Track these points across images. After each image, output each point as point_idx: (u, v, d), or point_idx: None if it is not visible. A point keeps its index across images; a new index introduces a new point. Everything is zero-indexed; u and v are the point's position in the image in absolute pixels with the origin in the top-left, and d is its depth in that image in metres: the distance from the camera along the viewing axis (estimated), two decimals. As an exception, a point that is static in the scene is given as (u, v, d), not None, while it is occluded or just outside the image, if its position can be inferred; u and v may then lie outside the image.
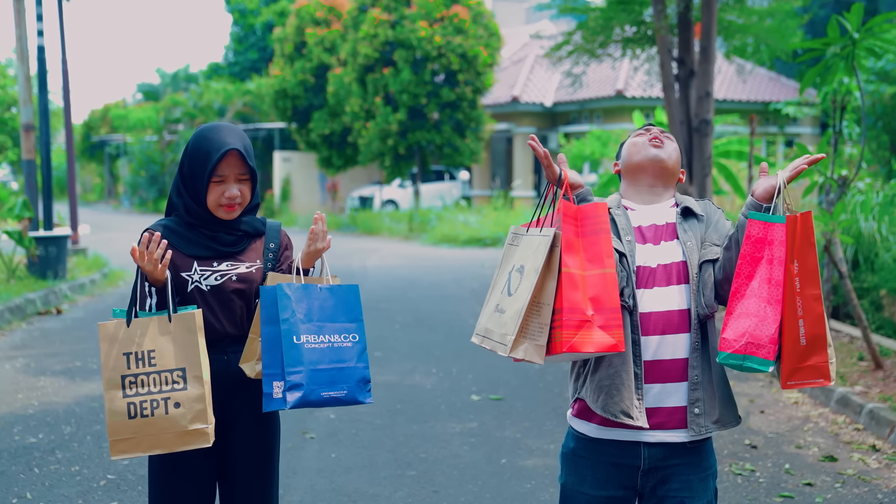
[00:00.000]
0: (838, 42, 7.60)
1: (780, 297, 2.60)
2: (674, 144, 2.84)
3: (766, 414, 6.66)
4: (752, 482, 5.22)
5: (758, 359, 2.60)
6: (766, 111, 26.75)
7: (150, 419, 2.73)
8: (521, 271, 2.63)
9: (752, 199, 2.68)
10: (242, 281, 2.93)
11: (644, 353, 2.71)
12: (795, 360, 2.62)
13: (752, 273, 2.62)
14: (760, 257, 2.62)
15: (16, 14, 13.64)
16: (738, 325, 2.61)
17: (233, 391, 2.94)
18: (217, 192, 2.89)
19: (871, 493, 5.05)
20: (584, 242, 2.61)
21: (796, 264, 2.61)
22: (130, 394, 2.75)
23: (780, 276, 2.60)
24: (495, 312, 2.68)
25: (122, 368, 2.76)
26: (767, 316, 2.60)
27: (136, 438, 2.73)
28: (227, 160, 2.89)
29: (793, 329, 2.61)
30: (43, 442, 5.80)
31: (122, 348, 2.77)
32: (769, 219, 2.61)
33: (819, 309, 2.61)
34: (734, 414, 2.80)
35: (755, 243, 2.62)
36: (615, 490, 2.79)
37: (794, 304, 2.61)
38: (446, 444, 5.85)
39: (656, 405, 2.72)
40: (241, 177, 2.92)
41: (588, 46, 13.66)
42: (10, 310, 10.05)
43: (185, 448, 2.76)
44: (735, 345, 2.60)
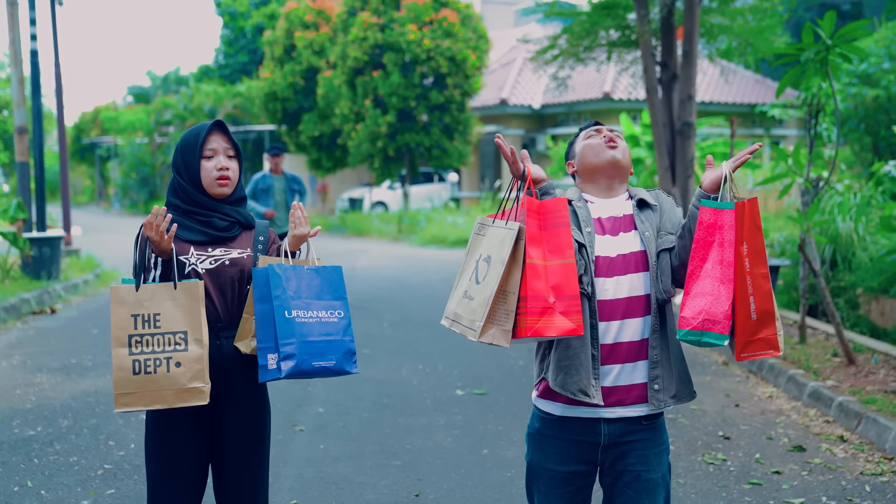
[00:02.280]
0: (812, 47, 7.83)
1: (732, 276, 2.83)
2: (624, 142, 3.07)
3: (741, 408, 6.90)
4: (722, 471, 5.45)
5: (714, 334, 2.82)
6: (752, 113, 27.06)
7: (152, 376, 2.98)
8: (489, 261, 2.85)
9: (700, 190, 2.92)
10: (235, 265, 3.17)
11: (603, 337, 2.92)
12: (748, 334, 2.85)
13: (706, 256, 2.85)
14: (712, 241, 2.84)
15: (9, 18, 13.81)
16: (694, 304, 2.83)
17: (225, 374, 3.16)
18: (209, 167, 3.17)
19: (836, 480, 5.29)
20: (545, 235, 2.82)
21: (746, 246, 2.84)
22: (136, 352, 2.99)
23: (731, 258, 2.83)
24: (464, 298, 2.90)
25: (129, 328, 3.00)
26: (721, 294, 2.82)
27: (139, 393, 2.98)
28: (213, 135, 3.20)
29: (744, 305, 2.84)
30: (41, 434, 6.01)
31: (130, 310, 3.01)
32: (719, 205, 2.84)
33: (767, 286, 2.84)
34: (690, 389, 3.02)
35: (707, 228, 2.85)
36: (577, 465, 3.02)
37: (745, 283, 2.84)
38: (431, 435, 6.07)
39: (615, 384, 2.94)
40: (229, 152, 3.21)
41: (573, 50, 13.90)
42: (6, 309, 10.24)
43: (183, 404, 3.00)
44: (693, 322, 2.82)
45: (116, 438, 5.94)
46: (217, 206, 3.20)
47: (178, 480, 3.17)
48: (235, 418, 3.22)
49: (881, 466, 5.49)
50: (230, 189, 3.21)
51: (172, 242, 3.08)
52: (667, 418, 6.54)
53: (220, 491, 3.28)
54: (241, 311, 3.21)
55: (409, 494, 5.00)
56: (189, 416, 3.15)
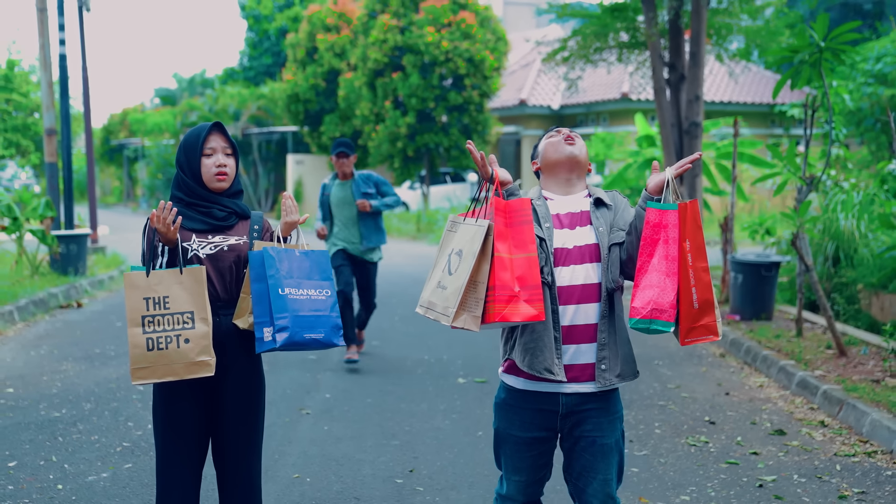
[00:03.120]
0: (806, 49, 8.11)
1: (676, 270, 3.17)
2: (582, 142, 3.41)
3: (731, 396, 7.19)
4: (703, 452, 5.76)
5: (661, 322, 3.15)
6: (772, 113, 27.18)
7: (164, 351, 3.35)
8: (461, 255, 3.19)
9: (645, 192, 3.25)
10: (232, 250, 3.54)
11: (562, 319, 3.27)
12: (690, 321, 3.19)
13: (652, 252, 3.18)
14: (658, 239, 3.18)
15: (39, 24, 14.31)
16: (643, 295, 3.17)
17: (223, 347, 3.53)
18: (209, 164, 3.54)
19: (810, 460, 5.59)
20: (511, 231, 3.17)
21: (688, 243, 3.18)
22: (149, 331, 3.36)
23: (675, 253, 3.17)
24: (437, 288, 3.24)
25: (141, 310, 3.37)
26: (667, 286, 3.16)
27: (153, 367, 3.35)
28: (212, 135, 3.56)
29: (688, 295, 3.18)
30: (66, 416, 6.42)
31: (142, 294, 3.38)
32: (664, 207, 3.18)
33: (707, 278, 3.18)
34: (633, 369, 3.36)
35: (653, 227, 3.18)
36: (539, 432, 3.36)
37: (688, 276, 3.18)
38: (430, 419, 6.43)
39: (572, 362, 3.28)
40: (227, 150, 3.57)
41: (583, 52, 14.21)
42: (35, 303, 10.70)
43: (192, 376, 3.36)
44: (642, 311, 3.15)
45: (135, 420, 6.34)
46: (216, 198, 3.56)
47: (181, 441, 3.54)
48: (232, 386, 3.58)
49: (855, 448, 5.79)
50: (227, 183, 3.57)
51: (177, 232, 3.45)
52: (657, 405, 6.87)
53: (218, 453, 3.64)
54: (238, 291, 3.57)
55: (405, 470, 5.35)
56: (190, 385, 3.51)
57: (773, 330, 9.17)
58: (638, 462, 5.55)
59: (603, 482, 3.35)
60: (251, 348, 3.57)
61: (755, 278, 9.95)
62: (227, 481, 3.66)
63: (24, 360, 8.27)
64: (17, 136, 25.13)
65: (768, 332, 8.98)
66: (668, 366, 8.20)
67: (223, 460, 3.64)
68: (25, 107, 25.05)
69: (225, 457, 3.63)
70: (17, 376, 7.60)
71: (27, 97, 24.03)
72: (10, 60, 25.54)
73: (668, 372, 7.95)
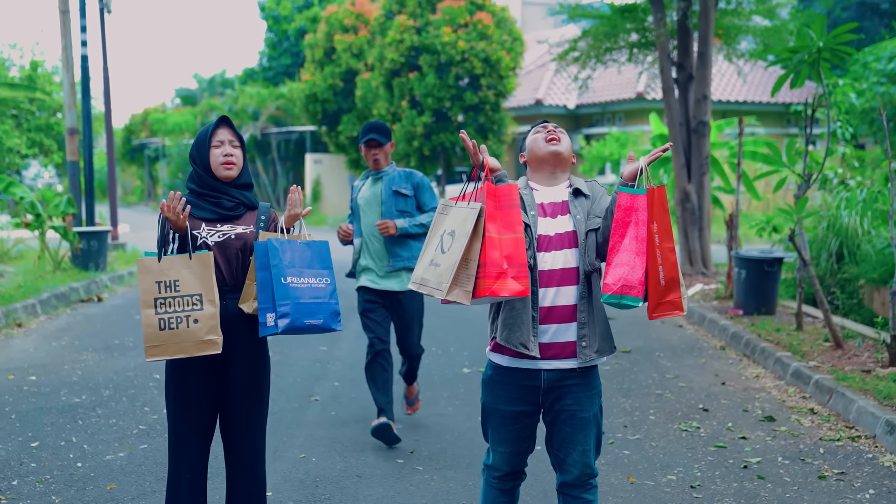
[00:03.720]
0: (805, 50, 8.32)
1: (645, 250, 3.43)
2: (566, 138, 3.67)
3: (727, 385, 7.43)
4: (694, 436, 6.01)
5: (631, 297, 3.41)
6: (787, 112, 27.30)
7: (175, 331, 3.64)
8: (453, 235, 3.46)
9: (620, 179, 3.51)
10: (239, 238, 3.81)
11: (542, 301, 3.53)
12: (657, 297, 3.45)
13: (624, 233, 3.44)
14: (629, 221, 3.44)
15: (62, 26, 14.70)
16: (615, 272, 3.43)
17: (229, 328, 3.81)
18: (217, 154, 3.82)
19: (795, 444, 5.83)
20: (500, 214, 3.44)
21: (656, 225, 3.44)
22: (161, 312, 3.65)
23: (644, 234, 3.43)
24: (430, 266, 3.51)
25: (154, 292, 3.67)
26: (636, 265, 3.42)
27: (164, 345, 3.64)
28: (220, 128, 3.85)
29: (655, 273, 3.44)
30: (85, 402, 6.74)
31: (154, 277, 3.68)
32: (634, 191, 3.44)
33: (673, 258, 3.44)
34: (610, 345, 3.62)
35: (625, 210, 3.45)
36: (523, 406, 3.62)
37: (655, 255, 3.43)
38: (433, 405, 6.70)
39: (553, 340, 3.55)
40: (234, 143, 3.85)
41: (594, 52, 14.45)
42: (57, 297, 11.06)
43: (200, 353, 3.65)
44: (613, 287, 3.42)
45: (151, 405, 6.65)
46: (225, 188, 3.84)
47: (191, 413, 3.82)
48: (238, 365, 3.86)
49: (840, 433, 6.02)
50: (235, 172, 3.84)
51: (187, 220, 3.74)
52: (654, 393, 7.11)
53: (225, 427, 3.92)
54: (244, 277, 3.85)
55: (406, 451, 5.63)
56: (200, 362, 3.80)
57: (774, 324, 9.38)
58: (630, 445, 5.80)
59: (582, 452, 3.61)
60: (256, 330, 3.85)
61: (758, 274, 10.16)
62: (233, 454, 3.94)
63: (47, 350, 8.61)
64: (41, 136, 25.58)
65: (769, 326, 9.19)
66: (669, 357, 8.44)
67: (230, 434, 3.92)
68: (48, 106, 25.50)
69: (231, 430, 3.91)
70: (39, 365, 7.93)
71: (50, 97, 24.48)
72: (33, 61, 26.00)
73: (668, 363, 8.19)
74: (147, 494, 4.89)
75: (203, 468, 3.90)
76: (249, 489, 3.95)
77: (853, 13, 29.30)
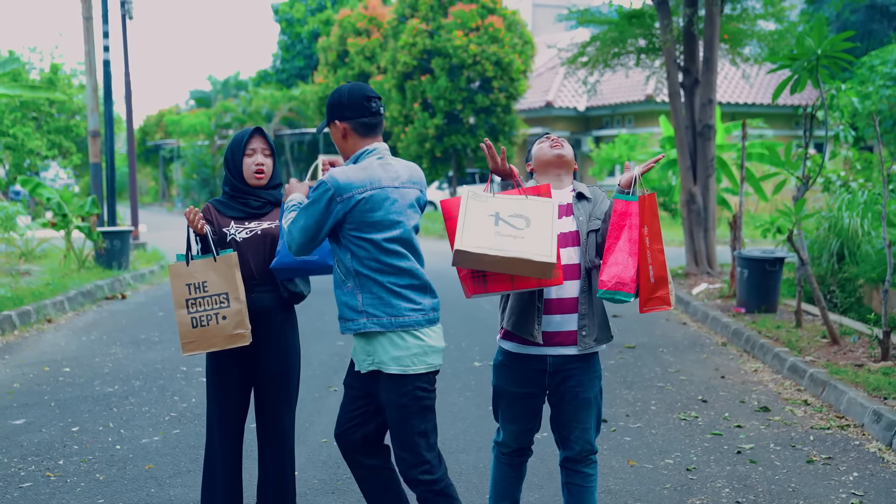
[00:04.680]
0: (805, 56, 8.67)
1: (637, 251, 3.83)
2: (568, 145, 4.08)
3: (726, 379, 7.80)
4: (692, 425, 6.38)
5: (623, 293, 3.81)
6: (796, 115, 27.62)
7: (206, 328, 4.04)
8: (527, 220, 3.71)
9: (618, 186, 3.91)
10: (266, 233, 4.19)
11: (548, 293, 3.91)
12: (647, 293, 3.85)
13: (619, 235, 3.85)
14: (623, 224, 3.84)
15: (85, 31, 15.16)
16: (610, 270, 3.83)
17: (259, 319, 4.19)
18: (249, 163, 4.20)
19: (787, 432, 6.20)
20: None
21: (647, 228, 3.84)
22: (192, 311, 4.06)
23: (636, 237, 3.83)
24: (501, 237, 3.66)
25: (185, 294, 4.08)
26: (629, 264, 3.82)
27: (198, 341, 4.05)
28: (254, 138, 4.23)
29: (645, 272, 3.84)
30: (118, 391, 7.16)
31: (184, 280, 4.09)
32: (628, 198, 3.85)
33: (662, 258, 3.84)
34: (608, 335, 4.02)
35: (620, 215, 3.85)
36: (530, 388, 4.02)
37: (646, 255, 3.83)
38: (445, 395, 7.09)
39: (558, 330, 3.94)
40: (266, 152, 4.24)
41: (602, 57, 14.82)
42: (83, 294, 11.51)
43: (231, 346, 4.04)
44: (608, 284, 3.82)
45: (180, 395, 7.06)
46: (253, 191, 4.22)
47: (228, 396, 4.22)
48: (271, 353, 4.25)
49: (830, 423, 6.39)
50: (265, 181, 4.23)
51: (215, 220, 4.13)
52: (656, 386, 7.48)
53: (259, 410, 4.31)
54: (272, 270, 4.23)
55: (421, 437, 6.02)
56: (234, 353, 4.18)
57: (775, 321, 9.74)
58: (631, 432, 6.18)
59: (583, 430, 4.01)
60: (285, 321, 4.25)
61: (760, 273, 10.52)
62: (265, 434, 4.33)
63: (77, 344, 9.04)
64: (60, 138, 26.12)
65: (769, 323, 9.55)
66: (672, 353, 8.81)
67: (263, 417, 4.31)
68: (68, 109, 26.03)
69: (264, 413, 4.30)
70: (71, 358, 8.36)
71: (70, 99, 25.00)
72: (53, 64, 26.52)
73: (670, 358, 8.57)
74: (183, 473, 5.30)
75: (238, 445, 4.29)
76: (280, 467, 4.34)
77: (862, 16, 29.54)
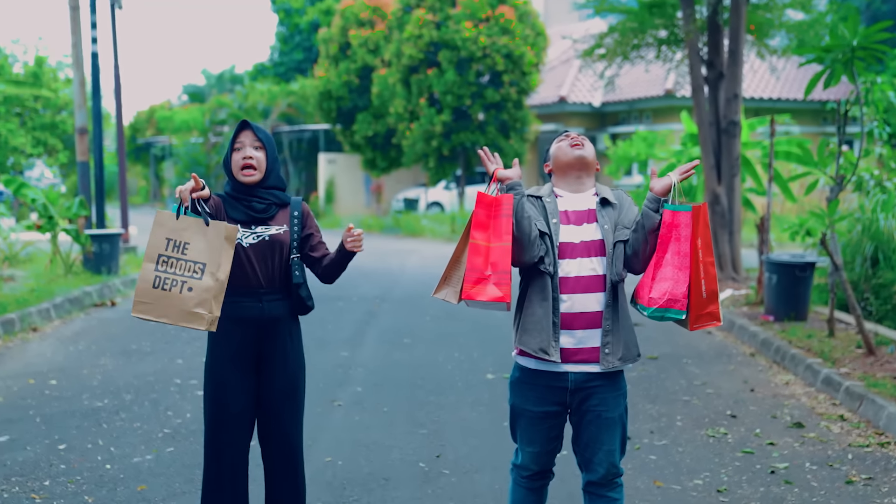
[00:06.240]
0: (839, 49, 8.59)
1: (689, 264, 3.77)
2: (589, 144, 4.00)
3: (756, 392, 7.72)
4: (721, 442, 6.30)
5: (675, 310, 3.76)
6: (823, 110, 27.49)
7: (166, 293, 3.79)
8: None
9: (652, 195, 3.81)
10: (274, 240, 4.10)
11: (565, 307, 3.83)
12: (699, 309, 3.80)
13: (666, 249, 3.79)
14: (670, 237, 3.78)
15: (72, 22, 15.12)
16: (659, 287, 3.77)
17: (266, 331, 4.12)
18: (237, 157, 4.09)
19: (824, 450, 6.12)
20: (493, 223, 3.79)
21: (700, 240, 3.77)
22: (160, 270, 3.81)
23: (687, 250, 3.77)
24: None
25: (160, 248, 3.83)
26: (680, 279, 3.77)
27: (153, 305, 3.79)
28: (242, 131, 4.11)
29: (697, 286, 3.79)
30: (108, 405, 7.10)
31: (166, 233, 3.84)
32: (677, 208, 3.78)
33: (713, 271, 3.80)
34: (635, 353, 3.94)
35: (667, 227, 3.79)
36: (550, 406, 3.94)
37: (699, 269, 3.78)
38: (458, 410, 7.02)
39: (580, 346, 3.86)
40: (255, 144, 4.10)
41: (621, 49, 14.74)
42: (70, 301, 11.46)
43: (185, 325, 3.77)
44: (659, 301, 3.76)
45: (174, 409, 7.00)
46: (253, 190, 4.11)
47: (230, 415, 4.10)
48: (277, 368, 4.16)
49: (869, 440, 6.30)
50: (257, 175, 4.08)
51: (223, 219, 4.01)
52: (682, 400, 7.41)
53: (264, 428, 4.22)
54: (281, 278, 4.13)
55: (431, 455, 5.96)
56: (238, 359, 4.09)
57: (806, 330, 9.65)
58: (657, 450, 6.10)
59: (608, 452, 3.93)
60: (293, 332, 4.18)
61: (790, 279, 10.43)
62: (272, 455, 4.23)
63: (64, 354, 8.99)
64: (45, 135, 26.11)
65: (800, 332, 9.47)
66: (697, 364, 8.73)
67: (269, 436, 4.21)
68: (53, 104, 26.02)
69: (271, 432, 4.21)
70: (58, 369, 8.30)
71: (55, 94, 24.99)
72: (38, 57, 26.52)
73: (696, 370, 8.48)
74: (178, 495, 5.23)
75: (244, 471, 4.19)
76: (294, 491, 4.25)
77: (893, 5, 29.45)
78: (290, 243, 4.14)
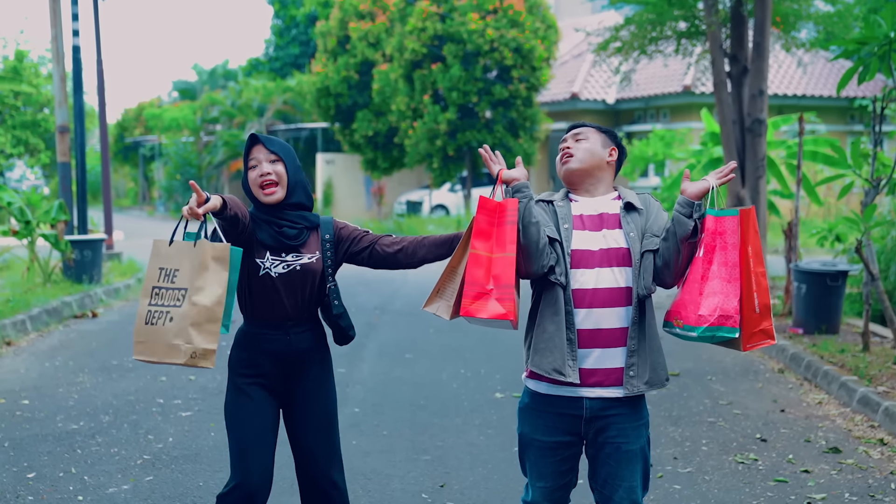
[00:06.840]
0: (875, 41, 8.35)
1: (738, 275, 3.53)
2: (584, 145, 3.74)
3: (786, 413, 7.48)
4: (751, 469, 6.07)
5: (727, 328, 3.51)
6: (851, 108, 27.26)
7: (155, 327, 3.51)
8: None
9: (684, 198, 3.57)
10: (306, 269, 3.85)
11: (583, 322, 3.60)
12: (752, 326, 3.56)
13: (711, 259, 3.54)
14: (714, 245, 3.54)
15: (52, 14, 14.94)
16: (709, 302, 3.52)
17: (294, 365, 3.91)
18: (254, 177, 3.83)
19: (864, 479, 5.88)
20: (496, 231, 3.56)
21: (750, 248, 3.53)
22: (153, 303, 3.55)
23: (735, 259, 3.53)
24: None
25: (154, 279, 3.58)
26: (730, 292, 3.52)
27: (147, 343, 3.53)
28: (253, 147, 3.86)
29: (750, 300, 3.54)
30: (84, 428, 6.88)
31: (159, 263, 3.60)
32: (722, 213, 3.54)
33: (765, 283, 3.56)
34: (662, 377, 3.70)
35: (711, 235, 3.54)
36: (562, 436, 3.71)
37: (750, 281, 3.54)
38: (463, 434, 6.80)
39: (596, 366, 3.63)
40: (271, 158, 3.83)
41: (638, 42, 14.51)
42: (48, 312, 11.25)
43: (168, 361, 3.49)
44: (710, 319, 3.51)
45: (155, 433, 6.78)
46: (281, 213, 3.84)
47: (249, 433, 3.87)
48: (308, 400, 3.96)
49: (913, 468, 6.07)
50: (280, 193, 3.82)
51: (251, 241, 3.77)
52: (707, 421, 7.18)
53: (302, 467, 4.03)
54: (310, 309, 3.91)
55: (435, 485, 5.73)
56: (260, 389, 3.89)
57: (838, 344, 9.42)
58: (681, 479, 5.88)
59: (628, 489, 3.69)
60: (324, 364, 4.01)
61: (820, 289, 10.20)
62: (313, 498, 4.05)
63: (39, 371, 8.78)
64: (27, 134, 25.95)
65: (832, 347, 9.23)
66: (722, 381, 8.50)
67: (308, 475, 4.04)
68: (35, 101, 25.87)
69: (313, 475, 4.03)
70: (32, 388, 8.09)
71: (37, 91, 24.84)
72: (18, 51, 26.37)
73: (720, 388, 8.25)
74: (155, 530, 5.01)
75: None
76: None
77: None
78: (324, 271, 3.91)
